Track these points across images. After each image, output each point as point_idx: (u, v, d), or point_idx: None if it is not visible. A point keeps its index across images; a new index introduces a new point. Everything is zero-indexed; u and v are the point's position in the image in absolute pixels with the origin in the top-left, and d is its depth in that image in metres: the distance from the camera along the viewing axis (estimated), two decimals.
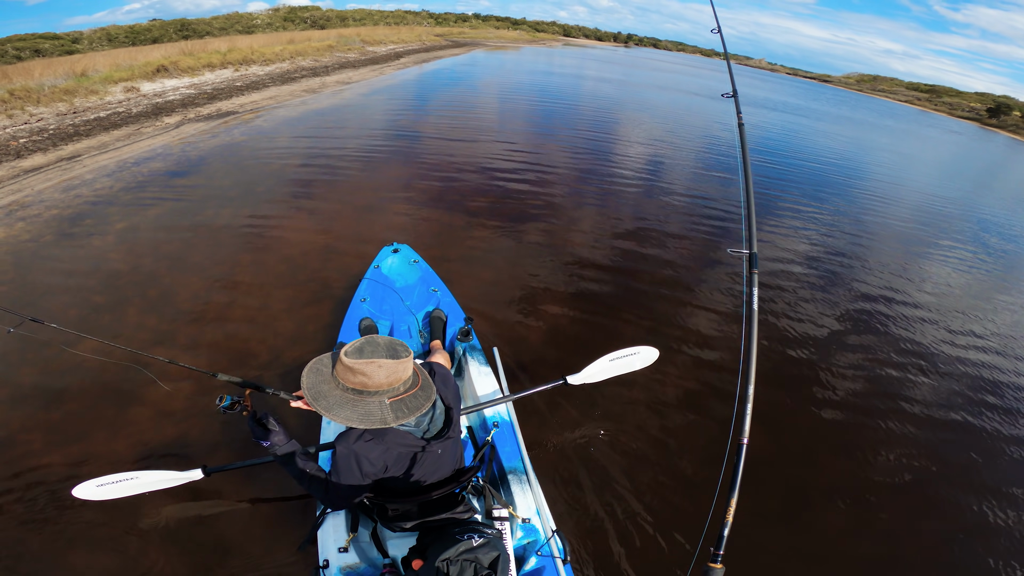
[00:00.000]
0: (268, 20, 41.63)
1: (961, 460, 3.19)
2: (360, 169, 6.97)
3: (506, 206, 6.13)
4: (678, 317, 4.18)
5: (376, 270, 3.17)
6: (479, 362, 2.57)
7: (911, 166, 14.90)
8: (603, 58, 43.32)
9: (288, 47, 16.35)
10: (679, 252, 5.44)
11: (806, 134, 16.43)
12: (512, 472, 2.04)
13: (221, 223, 5.02)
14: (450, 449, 1.56)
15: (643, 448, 2.82)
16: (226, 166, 6.64)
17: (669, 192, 7.54)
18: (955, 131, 32.27)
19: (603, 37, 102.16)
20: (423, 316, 2.88)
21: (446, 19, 67.87)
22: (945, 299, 5.51)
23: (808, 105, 28.70)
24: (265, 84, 12.06)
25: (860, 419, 3.40)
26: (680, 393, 3.29)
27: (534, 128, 10.86)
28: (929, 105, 61.20)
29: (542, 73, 22.60)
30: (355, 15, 51.11)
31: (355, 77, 14.16)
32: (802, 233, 6.79)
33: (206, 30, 34.45)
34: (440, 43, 31.41)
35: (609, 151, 9.49)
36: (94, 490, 2.01)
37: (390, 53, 21.36)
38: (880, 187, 10.33)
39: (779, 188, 8.79)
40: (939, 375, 4.03)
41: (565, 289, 4.37)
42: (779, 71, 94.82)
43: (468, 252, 4.86)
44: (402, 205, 5.90)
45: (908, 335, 4.57)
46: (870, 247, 6.75)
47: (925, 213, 9.12)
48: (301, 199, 5.77)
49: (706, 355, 3.73)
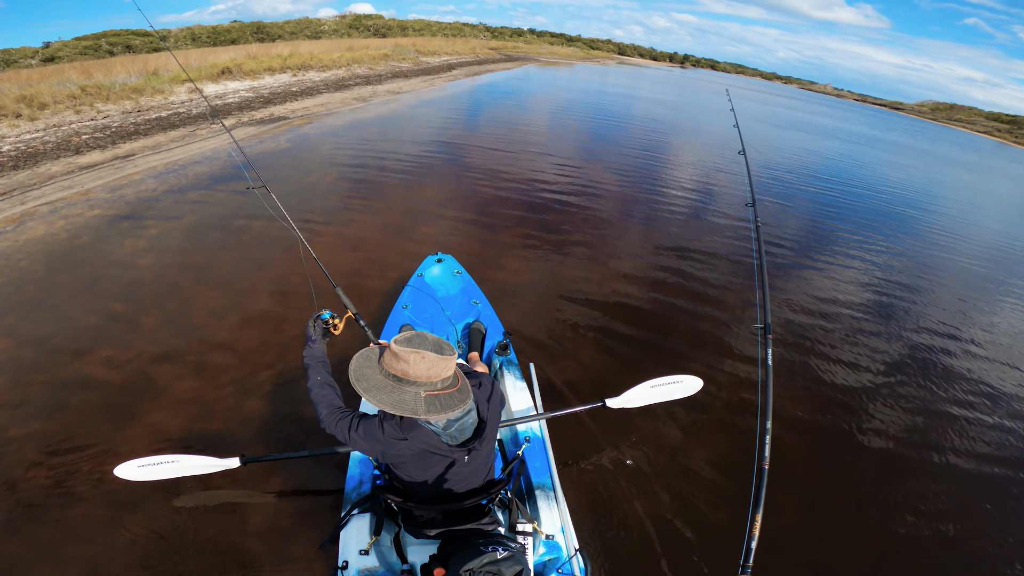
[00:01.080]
0: (335, 26, 43.67)
1: (997, 513, 2.98)
2: (404, 179, 6.85)
3: (550, 223, 6.00)
4: (717, 345, 4.07)
5: (419, 278, 3.18)
6: (515, 376, 2.56)
7: (994, 205, 13.51)
8: (657, 78, 42.59)
9: (346, 54, 16.78)
10: (724, 281, 5.23)
11: (882, 167, 15.28)
12: (540, 488, 2.03)
13: (258, 230, 4.92)
14: (481, 460, 1.55)
15: (671, 473, 2.78)
16: (267, 173, 6.64)
17: (715, 220, 7.07)
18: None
19: (658, 57, 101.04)
20: (463, 327, 2.89)
21: (502, 33, 69.04)
22: (1006, 344, 5.11)
23: (884, 136, 26.95)
24: (319, 90, 12.32)
25: (902, 453, 3.30)
26: (711, 420, 3.23)
27: (582, 146, 10.52)
28: (1010, 137, 56.58)
29: (594, 92, 22.26)
30: (415, 25, 52.84)
31: (406, 87, 14.30)
32: (862, 265, 6.38)
33: (278, 33, 36.60)
34: (493, 56, 31.73)
35: (656, 174, 9.06)
36: (135, 470, 2.06)
37: (443, 64, 21.63)
38: (953, 225, 9.30)
39: (839, 220, 8.07)
40: (988, 426, 3.74)
41: (605, 310, 4.27)
42: (846, 97, 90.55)
43: (511, 266, 4.82)
44: (447, 216, 5.81)
45: (962, 375, 4.31)
46: (929, 285, 6.25)
47: (997, 255, 8.10)
48: (338, 210, 5.64)
49: (741, 388, 3.60)
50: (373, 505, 1.87)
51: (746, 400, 3.45)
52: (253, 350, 3.32)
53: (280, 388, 3.02)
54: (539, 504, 1.97)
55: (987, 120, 69.54)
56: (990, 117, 72.06)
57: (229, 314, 3.69)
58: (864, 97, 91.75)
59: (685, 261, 5.57)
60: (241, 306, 3.79)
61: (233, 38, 32.48)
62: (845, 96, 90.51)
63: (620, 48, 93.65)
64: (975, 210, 11.87)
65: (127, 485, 2.17)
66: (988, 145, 40.01)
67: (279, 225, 2.81)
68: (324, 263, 2.63)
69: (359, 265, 4.47)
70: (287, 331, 3.52)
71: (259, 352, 3.30)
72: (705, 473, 2.81)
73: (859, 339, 4.56)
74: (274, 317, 3.68)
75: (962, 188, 14.95)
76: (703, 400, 3.28)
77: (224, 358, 3.24)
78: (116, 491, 2.32)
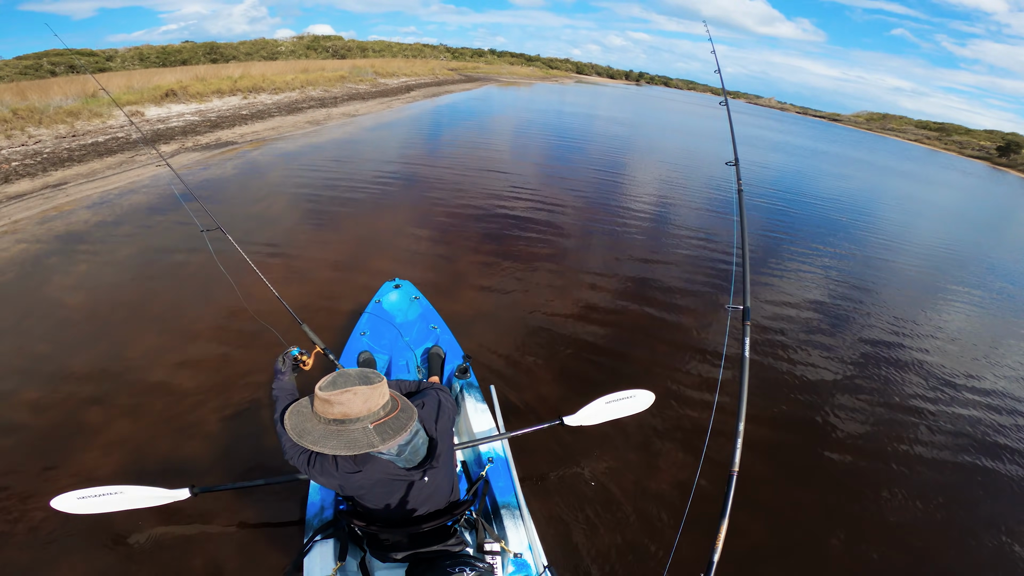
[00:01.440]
0: (292, 48, 42.96)
1: (957, 499, 3.18)
2: (359, 205, 6.71)
3: (509, 246, 5.97)
4: (676, 359, 4.17)
5: (377, 304, 3.19)
6: (476, 399, 2.58)
7: (929, 212, 14.46)
8: (615, 96, 43.98)
9: (300, 76, 16.54)
10: (680, 296, 5.38)
11: (826, 180, 16.13)
12: (505, 507, 2.04)
13: (199, 264, 4.68)
14: (440, 480, 1.54)
15: (634, 486, 2.80)
16: (210, 204, 6.38)
17: (673, 237, 7.25)
18: (969, 172, 31.86)
19: (615, 75, 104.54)
20: (422, 352, 2.91)
21: (462, 54, 69.89)
22: (949, 342, 5.45)
23: (827, 148, 28.57)
24: (271, 113, 12.05)
25: (861, 458, 3.41)
26: (673, 432, 3.29)
27: (541, 167, 10.64)
28: (939, 144, 60.96)
29: (553, 112, 22.65)
30: (375, 46, 52.69)
31: (362, 110, 14.17)
32: (810, 275, 6.62)
33: (233, 54, 35.55)
34: (453, 77, 32.06)
35: (615, 194, 9.24)
36: (75, 503, 1.96)
37: (401, 86, 21.64)
38: (893, 231, 9.89)
39: (787, 230, 8.45)
40: (941, 418, 4.00)
41: (565, 330, 4.31)
42: (789, 110, 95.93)
43: (470, 290, 4.77)
44: (405, 242, 5.71)
45: (912, 376, 4.56)
46: (878, 290, 6.61)
47: (938, 259, 8.68)
48: (290, 239, 5.45)
49: (701, 396, 3.71)
50: (337, 530, 1.84)
51: (706, 411, 3.51)
52: (195, 387, 3.16)
53: (229, 421, 2.89)
54: (505, 523, 1.98)
55: (917, 128, 74.93)
56: (919, 125, 77.68)
57: (168, 353, 3.47)
58: (805, 110, 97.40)
59: (643, 277, 5.66)
60: (180, 345, 3.57)
61: (184, 59, 31.45)
62: (788, 109, 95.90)
63: (578, 67, 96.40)
64: (916, 217, 12.66)
65: (64, 521, 2.04)
66: (920, 153, 43.11)
67: (226, 259, 2.70)
68: (270, 307, 2.53)
69: (313, 295, 4.31)
70: (233, 367, 3.35)
71: (202, 389, 3.14)
72: (667, 484, 2.84)
73: (811, 346, 4.72)
74: (217, 354, 3.49)
75: (902, 197, 15.95)
76: (662, 413, 3.37)
77: (163, 396, 3.05)
78: (50, 529, 2.16)
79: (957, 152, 53.97)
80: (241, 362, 3.41)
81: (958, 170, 31.84)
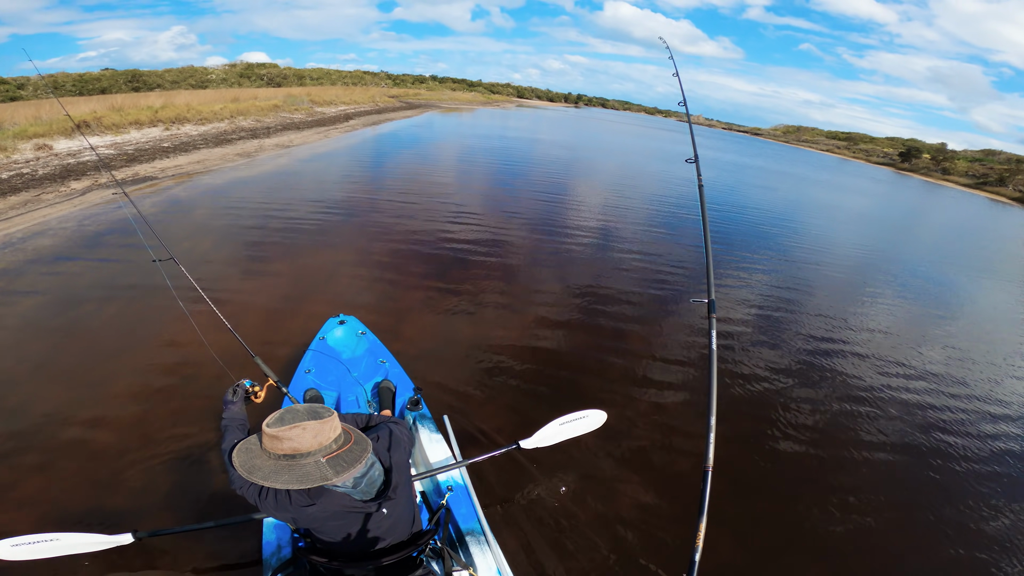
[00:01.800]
0: (223, 75, 41.30)
1: (900, 480, 3.48)
2: (295, 242, 6.35)
3: (454, 274, 5.90)
4: (632, 370, 4.30)
5: (321, 341, 3.12)
6: (430, 430, 2.56)
7: (847, 218, 15.69)
8: (555, 119, 45.36)
9: (230, 106, 15.89)
10: (631, 308, 5.56)
11: (753, 192, 17.18)
12: (470, 533, 2.04)
13: (109, 315, 4.24)
14: (400, 511, 1.52)
15: (603, 499, 2.83)
16: (132, 239, 5.88)
17: (617, 253, 7.41)
18: (877, 179, 35.11)
19: (555, 98, 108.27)
20: (371, 387, 2.88)
21: (404, 80, 70.05)
22: (874, 334, 5.94)
23: (751, 162, 30.61)
24: (196, 145, 11.42)
25: (814, 448, 3.64)
26: (637, 442, 3.36)
27: (485, 195, 10.67)
28: (848, 153, 66.83)
29: (496, 137, 22.98)
30: (313, 74, 51.71)
31: (298, 140, 13.71)
32: (748, 285, 6.86)
33: (157, 83, 33.59)
34: (393, 104, 31.97)
35: (559, 217, 9.34)
36: (8, 550, 1.91)
37: (340, 114, 21.28)
38: (816, 240, 10.62)
39: (723, 243, 8.86)
40: (879, 403, 4.38)
41: (518, 354, 4.30)
42: (716, 126, 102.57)
43: (418, 322, 4.69)
44: (345, 276, 5.47)
45: (850, 371, 4.91)
46: (809, 295, 7.00)
47: (857, 261, 9.40)
48: (218, 280, 5.05)
49: (664, 400, 3.91)
50: (297, 570, 1.79)
51: (664, 417, 3.66)
52: (132, 430, 2.98)
53: (173, 462, 2.76)
54: (472, 550, 1.97)
55: (828, 139, 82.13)
56: (830, 136, 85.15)
57: (85, 403, 3.14)
58: (731, 125, 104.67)
59: (590, 295, 5.74)
60: (100, 396, 3.24)
61: (103, 87, 29.41)
62: (715, 125, 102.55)
63: (519, 91, 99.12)
64: (838, 224, 13.67)
65: None
66: (833, 162, 47.14)
67: (163, 296, 2.67)
68: (210, 339, 2.46)
69: (249, 334, 4.01)
70: (172, 404, 3.19)
71: (136, 433, 2.96)
72: (633, 495, 2.90)
73: (750, 354, 4.89)
74: (157, 390, 3.31)
75: (824, 205, 17.24)
76: (619, 427, 3.39)
77: (76, 454, 2.74)
78: None
79: (864, 160, 59.44)
80: (185, 399, 3.23)
81: (867, 177, 35.02)
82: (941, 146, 63.27)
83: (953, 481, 3.49)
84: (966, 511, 3.21)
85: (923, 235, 14.89)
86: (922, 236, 14.63)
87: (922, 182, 40.91)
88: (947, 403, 4.55)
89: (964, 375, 5.21)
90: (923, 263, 10.32)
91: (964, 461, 3.72)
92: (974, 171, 48.53)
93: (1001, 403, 4.71)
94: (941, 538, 2.97)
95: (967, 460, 3.74)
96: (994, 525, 3.11)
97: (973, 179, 45.74)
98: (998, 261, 12.37)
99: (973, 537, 2.99)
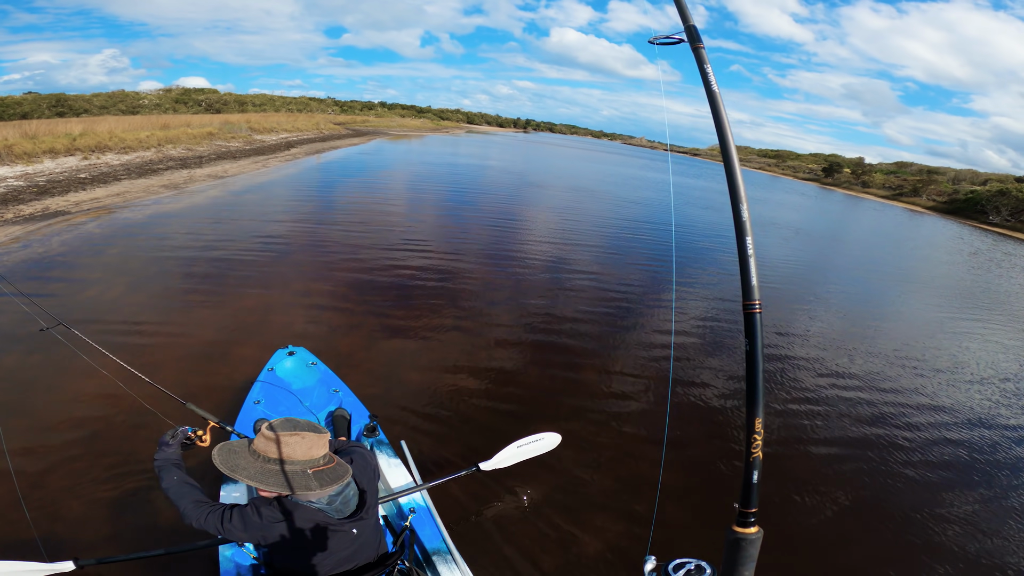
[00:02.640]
0: (157, 101, 39.28)
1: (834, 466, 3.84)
2: (227, 281, 5.83)
3: (405, 302, 5.80)
4: (585, 386, 4.42)
5: (270, 372, 3.06)
6: (388, 455, 2.58)
7: (784, 233, 16.58)
8: (504, 144, 46.11)
9: (158, 133, 14.96)
10: (583, 327, 5.68)
11: (694, 211, 17.85)
12: (436, 553, 2.06)
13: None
14: (368, 532, 1.54)
15: (565, 510, 2.90)
16: (28, 285, 5.20)
17: (568, 273, 7.44)
18: (806, 194, 37.72)
19: (504, 123, 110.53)
20: (325, 416, 2.83)
21: (351, 107, 69.30)
22: (816, 339, 6.32)
23: (694, 183, 32.09)
24: (117, 176, 10.57)
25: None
26: (595, 454, 3.46)
27: (435, 223, 10.47)
28: (778, 170, 71.73)
29: (445, 165, 22.88)
30: (255, 100, 50.12)
31: (232, 170, 12.97)
32: (694, 301, 6.97)
33: (84, 108, 31.58)
34: (340, 132, 31.38)
35: (510, 240, 9.38)
36: None
37: (281, 142, 20.57)
38: (761, 252, 11.08)
39: (663, 260, 9.00)
40: (824, 402, 4.75)
41: (473, 378, 4.32)
42: (658, 148, 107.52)
43: (369, 350, 4.61)
44: (287, 313, 5.20)
45: (799, 371, 5.30)
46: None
47: (799, 270, 9.83)
48: (136, 324, 4.52)
49: (620, 411, 4.09)
50: None
51: (617, 433, 3.78)
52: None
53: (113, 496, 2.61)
54: (439, 569, 1.97)
55: (760, 157, 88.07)
56: (761, 154, 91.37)
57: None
58: (672, 147, 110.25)
59: (543, 315, 5.80)
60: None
61: (24, 112, 27.11)
62: (657, 147, 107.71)
63: (469, 117, 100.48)
64: (777, 239, 14.35)
65: None
66: (765, 179, 50.42)
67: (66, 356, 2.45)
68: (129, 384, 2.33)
69: (180, 382, 3.57)
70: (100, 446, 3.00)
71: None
72: (593, 506, 2.98)
73: (708, 362, 5.11)
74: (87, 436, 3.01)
75: (762, 223, 18.14)
76: (575, 443, 3.45)
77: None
78: None
79: (792, 176, 63.98)
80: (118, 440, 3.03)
81: (797, 192, 37.57)
82: (859, 160, 69.13)
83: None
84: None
85: (850, 244, 15.93)
86: (849, 245, 15.64)
87: (844, 195, 44.31)
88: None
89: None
90: (853, 272, 10.95)
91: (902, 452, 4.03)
92: (890, 183, 53.16)
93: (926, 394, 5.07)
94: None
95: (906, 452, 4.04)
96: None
97: (890, 191, 50.02)
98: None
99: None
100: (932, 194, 44.93)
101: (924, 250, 17.59)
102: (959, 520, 3.27)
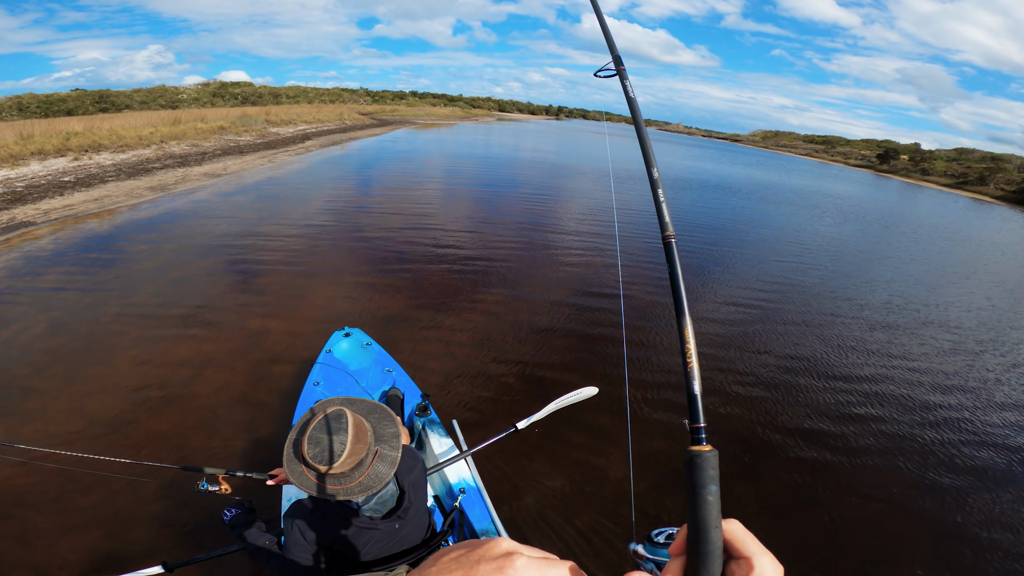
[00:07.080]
0: (195, 95, 39.98)
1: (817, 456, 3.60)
2: (186, 323, 4.80)
3: (435, 288, 5.82)
4: (621, 359, 4.56)
5: (328, 354, 3.13)
6: (439, 435, 2.57)
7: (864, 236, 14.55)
8: (536, 132, 44.40)
9: (162, 129, 14.27)
10: (617, 306, 5.84)
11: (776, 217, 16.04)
12: (484, 533, 2.06)
13: None
14: (413, 523, 1.54)
15: (602, 491, 2.95)
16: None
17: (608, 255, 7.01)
18: (863, 182, 34.51)
19: (536, 111, 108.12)
20: (379, 396, 2.87)
21: (383, 97, 68.98)
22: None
23: (734, 171, 29.73)
24: (104, 178, 9.76)
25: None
26: (634, 423, 3.59)
27: (463, 213, 9.19)
28: (827, 156, 67.00)
29: (478, 156, 21.57)
30: (290, 92, 50.32)
31: (232, 167, 11.98)
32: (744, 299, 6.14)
33: (126, 103, 32.38)
34: (363, 122, 30.49)
35: (543, 228, 8.63)
36: None
37: (297, 135, 19.71)
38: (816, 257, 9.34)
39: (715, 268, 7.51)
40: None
41: (517, 354, 4.50)
42: (695, 134, 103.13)
43: (420, 331, 4.75)
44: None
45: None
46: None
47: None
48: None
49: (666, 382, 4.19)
50: None
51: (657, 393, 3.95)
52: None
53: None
54: None
55: (805, 143, 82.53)
56: (807, 140, 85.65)
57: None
58: (710, 132, 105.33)
59: (584, 297, 5.96)
60: None
61: (69, 108, 27.82)
62: (694, 133, 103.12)
63: (500, 104, 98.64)
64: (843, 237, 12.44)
65: None
66: (811, 166, 46.74)
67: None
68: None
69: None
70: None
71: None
72: (631, 483, 2.97)
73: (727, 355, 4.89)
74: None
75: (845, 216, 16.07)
76: (612, 412, 3.56)
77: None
78: None
79: (843, 163, 59.49)
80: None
81: (855, 181, 34.42)
82: (915, 146, 63.73)
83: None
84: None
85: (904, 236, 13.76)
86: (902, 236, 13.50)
87: (902, 183, 40.59)
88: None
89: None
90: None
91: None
92: (952, 171, 48.65)
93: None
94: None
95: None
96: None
97: (952, 179, 45.77)
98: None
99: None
100: (1000, 183, 40.73)
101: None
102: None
